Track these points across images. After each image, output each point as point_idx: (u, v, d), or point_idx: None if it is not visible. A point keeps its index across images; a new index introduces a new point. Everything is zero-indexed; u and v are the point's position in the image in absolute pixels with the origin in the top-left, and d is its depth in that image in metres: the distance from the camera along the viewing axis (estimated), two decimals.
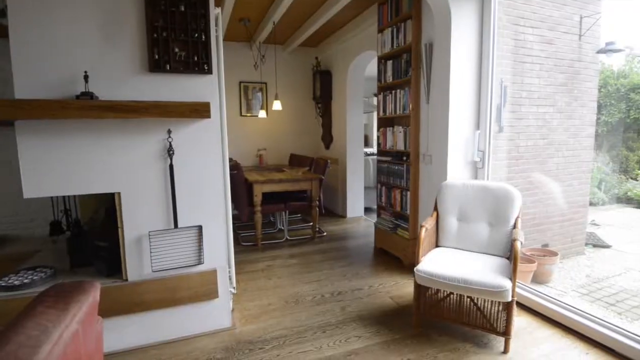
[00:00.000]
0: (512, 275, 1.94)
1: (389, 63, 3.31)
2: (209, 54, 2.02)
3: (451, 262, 2.17)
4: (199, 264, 2.15)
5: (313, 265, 3.25)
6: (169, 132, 2.00)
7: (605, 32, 3.47)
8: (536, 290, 2.44)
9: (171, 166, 2.01)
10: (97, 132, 1.90)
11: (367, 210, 5.21)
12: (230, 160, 4.36)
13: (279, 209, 3.95)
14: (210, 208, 2.13)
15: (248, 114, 5.27)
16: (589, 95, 3.48)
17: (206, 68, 2.01)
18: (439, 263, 2.14)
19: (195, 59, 2.00)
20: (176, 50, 1.98)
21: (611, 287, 2.99)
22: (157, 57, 1.94)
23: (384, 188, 3.51)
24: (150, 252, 2.04)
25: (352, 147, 4.87)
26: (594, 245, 3.92)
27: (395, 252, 3.34)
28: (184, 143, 2.04)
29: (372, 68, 5.18)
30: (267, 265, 3.27)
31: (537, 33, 3.15)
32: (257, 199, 3.69)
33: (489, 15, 2.64)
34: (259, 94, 5.29)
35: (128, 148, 1.96)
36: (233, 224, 4.57)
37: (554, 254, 3.02)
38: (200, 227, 2.12)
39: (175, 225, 2.07)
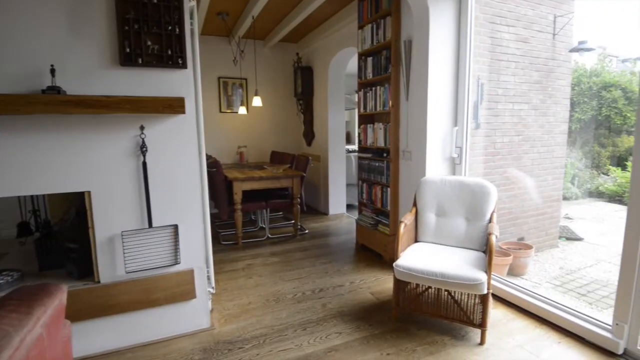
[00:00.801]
0: (488, 268, 1.97)
1: (369, 59, 3.31)
2: (184, 48, 1.96)
3: (429, 256, 2.19)
4: (175, 264, 2.10)
5: (294, 263, 3.23)
6: (142, 128, 1.94)
7: (578, 32, 3.58)
8: (512, 283, 2.50)
9: (144, 164, 1.95)
10: (66, 128, 1.81)
11: (349, 207, 5.23)
12: (209, 157, 4.29)
13: (259, 207, 3.91)
14: (186, 207, 2.08)
15: (228, 111, 5.19)
16: (562, 93, 3.58)
17: (180, 62, 1.95)
18: (418, 258, 2.16)
19: (169, 52, 1.94)
20: (149, 43, 1.91)
21: (583, 278, 3.10)
22: (128, 50, 1.87)
23: (365, 185, 3.52)
24: (124, 253, 1.97)
25: (333, 144, 4.87)
26: (567, 238, 4.06)
27: (376, 248, 3.36)
28: (157, 140, 1.98)
29: (353, 65, 5.19)
30: (248, 264, 3.23)
31: (513, 31, 3.22)
32: (237, 197, 3.64)
33: (466, 13, 2.67)
34: (240, 90, 5.21)
35: (98, 145, 1.88)
36: (213, 222, 4.55)
37: (529, 247, 3.11)
38: (175, 227, 2.07)
39: (150, 225, 2.01)
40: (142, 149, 1.94)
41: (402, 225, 2.24)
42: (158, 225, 2.03)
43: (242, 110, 4.83)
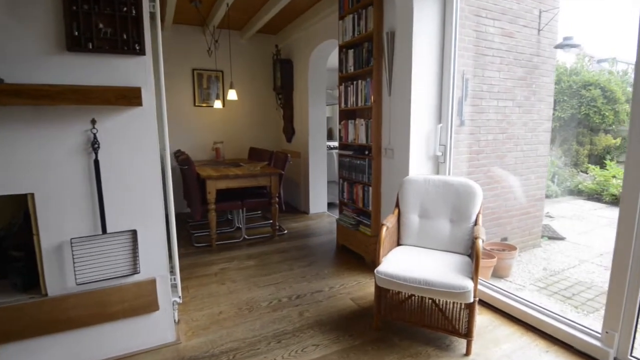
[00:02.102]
0: (474, 274, 1.86)
1: (350, 52, 3.15)
2: (141, 32, 1.74)
3: (412, 261, 2.06)
4: (134, 274, 1.88)
5: (271, 266, 3.06)
6: (93, 122, 1.71)
7: (563, 28, 3.52)
8: (497, 287, 2.41)
9: (96, 162, 1.73)
10: (3, 122, 1.57)
11: (331, 205, 5.08)
12: (182, 154, 4.05)
13: (235, 207, 3.71)
14: (146, 209, 1.87)
15: (204, 104, 4.93)
16: (546, 90, 3.53)
17: (137, 48, 1.73)
18: (400, 263, 2.03)
19: (125, 37, 1.72)
20: (100, 26, 1.69)
21: (567, 279, 3.05)
22: (76, 33, 1.64)
23: (345, 183, 3.37)
24: (74, 262, 1.75)
25: (314, 141, 4.70)
26: (549, 238, 4.03)
27: (357, 249, 3.22)
28: (112, 135, 1.75)
29: (335, 58, 5.01)
30: (221, 268, 3.03)
31: (498, 25, 3.12)
32: (211, 196, 3.42)
33: (452, 4, 2.54)
34: (219, 83, 4.95)
35: (42, 141, 1.65)
36: (186, 223, 4.31)
37: (513, 248, 3.04)
38: (134, 232, 1.85)
39: (104, 231, 1.79)
40: (94, 145, 1.71)
41: (384, 229, 2.10)
42: (113, 231, 1.82)
43: (218, 104, 4.58)
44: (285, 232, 4.02)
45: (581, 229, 4.42)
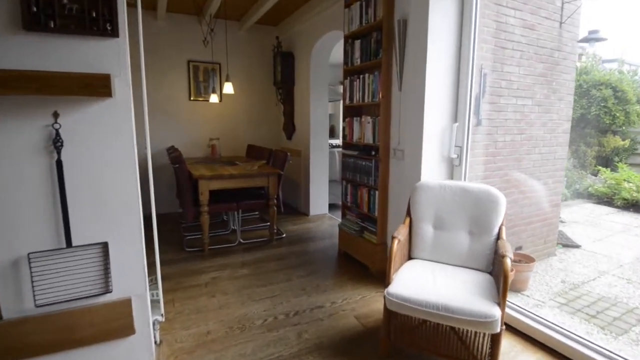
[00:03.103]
0: (501, 300, 1.60)
1: (357, 43, 2.87)
2: (114, 9, 1.47)
3: (428, 281, 1.80)
4: (105, 293, 1.62)
5: (267, 275, 2.80)
6: (56, 116, 1.44)
7: (586, 22, 3.25)
8: (516, 305, 2.15)
9: (59, 163, 1.46)
10: None
11: (332, 207, 4.82)
12: (175, 151, 3.78)
13: (230, 209, 3.44)
14: (120, 218, 1.61)
15: (200, 98, 4.65)
16: (566, 89, 3.26)
17: (109, 28, 1.46)
18: (414, 283, 1.77)
19: (94, 15, 1.44)
20: (64, 1, 1.41)
21: (589, 294, 2.80)
22: (35, 9, 1.37)
23: (349, 186, 3.11)
24: (32, 281, 1.49)
25: (316, 138, 4.42)
26: (564, 245, 3.78)
27: (361, 258, 2.96)
28: (78, 131, 1.49)
29: (338, 53, 4.73)
30: (213, 277, 2.77)
31: (519, 16, 2.84)
32: (204, 197, 3.16)
33: None
34: (216, 76, 4.67)
35: None
36: (179, 224, 4.04)
37: (531, 259, 2.78)
38: (105, 245, 1.59)
39: (69, 244, 1.53)
40: (56, 143, 1.45)
41: (396, 242, 1.84)
42: (80, 244, 1.55)
43: (214, 98, 4.31)
44: (284, 235, 3.76)
45: (595, 235, 4.17)
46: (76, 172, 1.50)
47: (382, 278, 2.73)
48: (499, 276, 1.80)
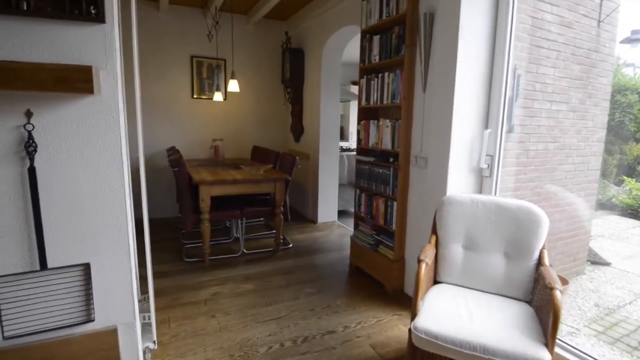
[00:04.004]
0: (550, 340, 1.35)
1: (376, 39, 2.62)
2: None
3: (460, 313, 1.55)
4: (87, 322, 1.39)
5: (273, 292, 2.56)
6: (29, 115, 1.21)
7: (624, 20, 2.96)
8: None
9: (32, 170, 1.23)
10: None
11: (341, 214, 4.57)
12: (175, 152, 3.55)
13: (233, 216, 3.21)
14: (105, 235, 1.38)
15: (203, 96, 4.42)
16: (602, 93, 2.98)
17: (94, 12, 1.23)
18: (444, 315, 1.52)
19: None
20: None
21: (626, 321, 2.53)
22: None
23: (363, 195, 2.86)
24: (0, 309, 1.26)
25: (326, 141, 4.18)
26: (592, 263, 3.50)
27: (375, 274, 2.71)
28: (55, 133, 1.26)
29: (350, 51, 4.49)
30: (213, 293, 2.53)
31: (557, 12, 2.58)
32: (204, 204, 2.92)
33: None
34: (220, 73, 4.44)
35: None
36: (179, 231, 3.80)
37: (565, 281, 2.52)
38: (86, 266, 1.36)
39: (43, 266, 1.30)
40: (29, 147, 1.22)
41: (423, 267, 1.59)
42: (57, 266, 1.32)
43: (218, 96, 4.07)
44: (290, 245, 3.52)
45: (625, 252, 3.88)
46: (52, 182, 1.27)
47: (398, 298, 2.49)
48: (541, 308, 1.55)
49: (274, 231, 3.37)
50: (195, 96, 4.36)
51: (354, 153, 5.32)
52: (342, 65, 4.25)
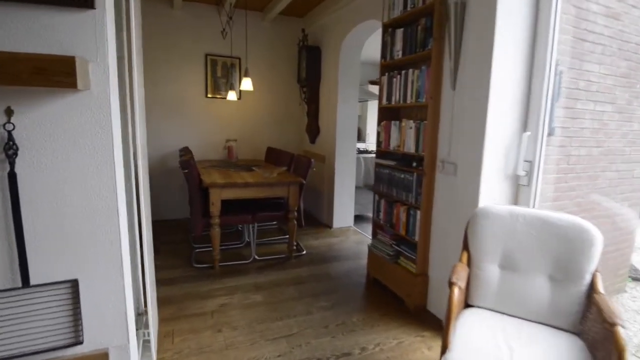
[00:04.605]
0: None
1: (399, 32, 2.42)
2: None
3: (499, 347, 1.33)
4: (74, 345, 1.25)
5: (284, 305, 2.38)
6: (9, 113, 1.07)
7: None
8: None
9: (12, 176, 1.09)
10: None
11: (358, 218, 4.37)
12: (186, 153, 3.43)
13: (244, 221, 3.06)
14: (96, 248, 1.22)
15: (217, 96, 4.30)
16: None
17: None
18: (479, 349, 1.30)
19: None
20: None
21: None
22: None
23: (383, 201, 2.65)
24: None
25: (342, 143, 3.99)
26: (634, 279, 3.18)
27: (395, 288, 2.50)
28: (39, 134, 1.11)
29: (368, 50, 4.28)
30: (221, 304, 2.38)
31: (603, 2, 2.30)
32: (215, 208, 2.78)
33: None
34: (235, 72, 4.32)
35: None
36: (189, 234, 3.68)
37: None
38: (74, 283, 1.21)
39: (25, 282, 1.16)
40: (8, 150, 1.07)
41: (456, 291, 1.38)
42: (41, 282, 1.18)
43: (232, 95, 3.94)
44: (304, 252, 3.34)
45: None
46: (35, 189, 1.13)
47: (421, 316, 2.27)
48: (596, 344, 1.32)
49: (287, 236, 3.20)
50: (209, 95, 4.25)
51: (372, 155, 5.10)
52: (361, 64, 4.05)
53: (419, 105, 2.27)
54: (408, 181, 2.37)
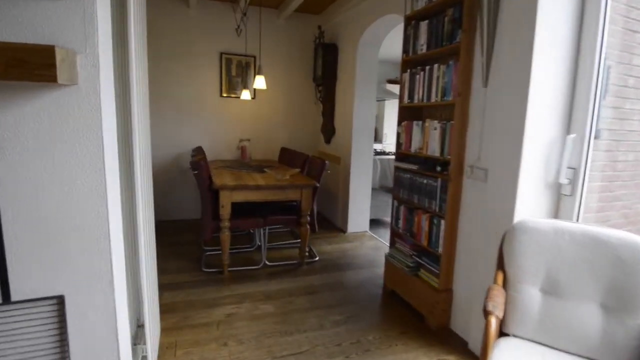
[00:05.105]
0: None
1: (423, 25, 2.22)
2: None
3: None
4: None
5: (295, 318, 2.23)
6: None
7: None
8: None
9: None
10: None
11: (373, 223, 4.17)
12: (198, 153, 3.32)
13: (255, 225, 2.92)
14: (84, 259, 1.10)
15: (232, 95, 4.19)
16: None
17: None
18: None
19: None
20: None
21: None
22: None
23: (403, 208, 2.46)
24: None
25: (359, 144, 3.81)
26: None
27: (415, 303, 2.31)
28: (18, 134, 0.99)
29: (386, 48, 4.08)
30: (228, 314, 2.24)
31: None
32: (224, 211, 2.65)
33: None
34: (250, 70, 4.20)
35: None
36: (200, 237, 3.57)
37: None
38: (60, 299, 1.09)
39: (5, 298, 1.04)
40: None
41: (493, 322, 1.19)
42: (23, 299, 1.06)
43: (246, 94, 3.82)
44: (317, 259, 3.18)
45: None
46: (16, 195, 1.00)
47: (443, 336, 2.08)
48: None
49: (299, 240, 3.05)
50: (224, 95, 4.14)
51: (389, 157, 4.90)
52: (378, 61, 3.86)
53: (444, 103, 2.07)
54: (431, 187, 2.17)
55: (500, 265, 1.48)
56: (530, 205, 1.72)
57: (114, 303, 1.15)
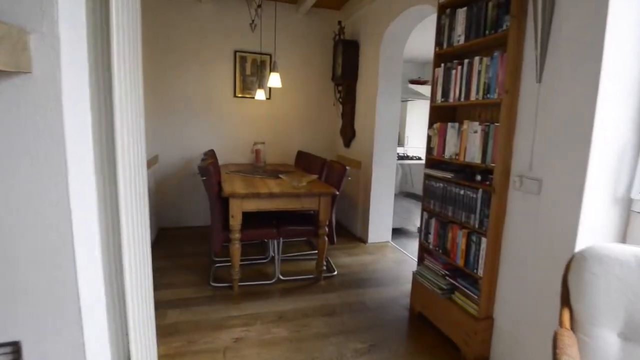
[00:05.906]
0: None
1: (461, 13, 1.94)
2: None
3: None
4: None
5: (310, 344, 1.97)
6: None
7: None
8: None
9: None
10: None
11: (395, 232, 3.88)
12: (209, 157, 3.12)
13: (268, 236, 2.69)
14: (45, 297, 0.88)
15: (247, 95, 4.00)
16: None
17: None
18: None
19: None
20: None
21: None
22: None
23: (434, 221, 2.17)
24: None
25: (381, 148, 3.53)
26: None
27: (448, 331, 2.01)
28: None
29: (410, 47, 3.79)
30: (236, 338, 2.01)
31: None
32: (235, 221, 2.43)
33: None
34: (265, 70, 3.99)
35: None
36: (210, 248, 3.35)
37: None
38: (14, 346, 0.87)
39: None
40: None
41: None
42: None
43: (260, 94, 3.61)
44: (335, 273, 2.92)
45: None
46: None
47: None
48: None
49: (316, 251, 2.80)
50: (238, 95, 3.95)
51: (412, 162, 4.59)
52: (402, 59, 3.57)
53: (486, 102, 1.78)
54: (470, 199, 1.88)
55: (565, 300, 1.18)
56: (594, 223, 1.40)
57: (84, 347, 0.92)
